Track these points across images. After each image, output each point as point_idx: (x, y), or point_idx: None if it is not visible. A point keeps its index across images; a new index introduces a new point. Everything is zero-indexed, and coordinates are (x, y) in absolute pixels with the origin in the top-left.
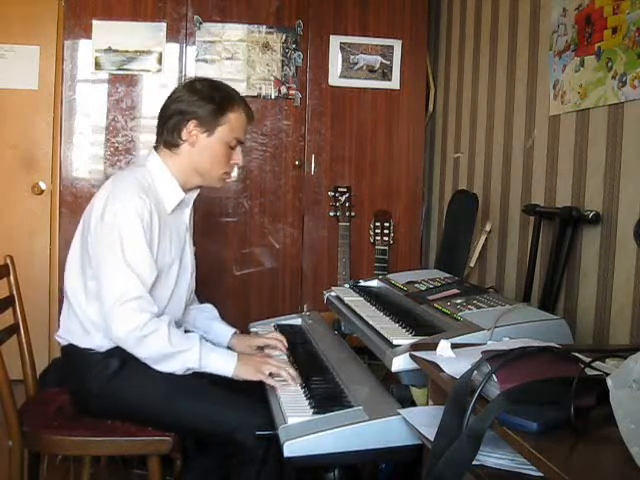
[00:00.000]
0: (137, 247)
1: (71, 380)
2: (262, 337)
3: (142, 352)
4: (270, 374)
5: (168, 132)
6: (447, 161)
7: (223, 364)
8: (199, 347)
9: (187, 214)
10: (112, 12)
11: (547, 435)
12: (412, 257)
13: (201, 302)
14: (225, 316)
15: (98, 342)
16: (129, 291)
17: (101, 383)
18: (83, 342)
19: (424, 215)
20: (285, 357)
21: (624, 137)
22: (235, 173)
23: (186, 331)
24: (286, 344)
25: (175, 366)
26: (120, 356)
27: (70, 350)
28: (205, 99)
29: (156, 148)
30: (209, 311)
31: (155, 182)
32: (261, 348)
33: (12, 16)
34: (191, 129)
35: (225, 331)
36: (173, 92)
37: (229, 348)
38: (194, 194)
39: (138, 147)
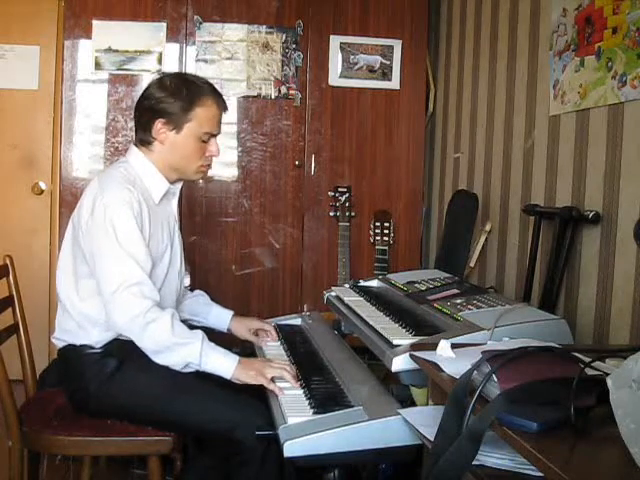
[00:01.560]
0: (131, 235)
1: (69, 382)
2: (258, 320)
3: (145, 341)
4: (272, 379)
5: (141, 130)
6: (447, 161)
7: (223, 364)
8: (201, 342)
9: (174, 205)
10: (112, 12)
11: (547, 435)
12: (412, 257)
13: (192, 290)
14: (221, 305)
15: (94, 338)
16: (129, 277)
17: (99, 384)
18: (79, 339)
19: (424, 215)
20: (284, 354)
21: (624, 137)
22: (214, 158)
23: (184, 322)
24: (275, 335)
25: (175, 359)
26: (117, 355)
27: (67, 352)
28: (172, 95)
29: (136, 144)
30: (203, 297)
31: (140, 174)
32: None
33: (12, 16)
34: (159, 127)
35: (224, 314)
36: (145, 88)
37: (228, 330)
38: (179, 184)
39: None
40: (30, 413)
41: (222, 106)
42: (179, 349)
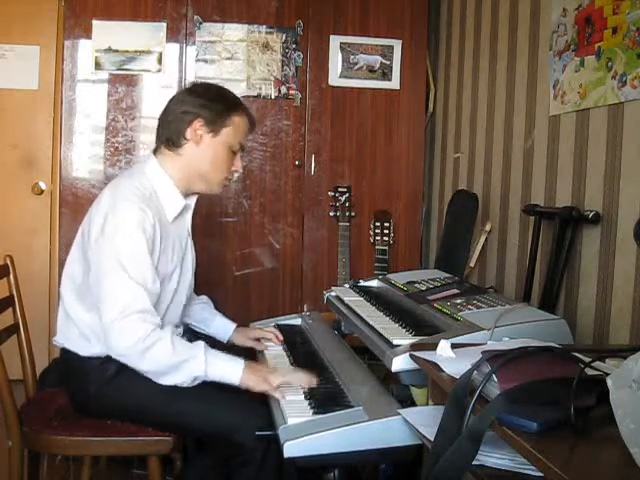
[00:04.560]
0: (140, 260)
1: (70, 383)
2: (260, 330)
3: (146, 365)
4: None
5: (171, 132)
6: (447, 161)
7: (230, 371)
8: (204, 354)
9: (189, 219)
10: (112, 12)
11: (547, 435)
12: (412, 257)
13: (196, 293)
14: (225, 316)
15: (99, 350)
16: (132, 304)
17: (100, 386)
18: (81, 350)
19: (424, 215)
20: (284, 354)
21: (624, 137)
22: (237, 174)
23: (186, 326)
24: (281, 338)
25: (181, 377)
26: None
27: (68, 353)
28: (211, 100)
29: (155, 152)
30: (209, 305)
31: (156, 190)
32: (258, 340)
33: (12, 16)
34: (197, 127)
35: (227, 326)
36: (175, 95)
37: (229, 342)
38: (194, 198)
39: (138, 147)
40: (30, 413)
41: (253, 123)
42: (183, 366)
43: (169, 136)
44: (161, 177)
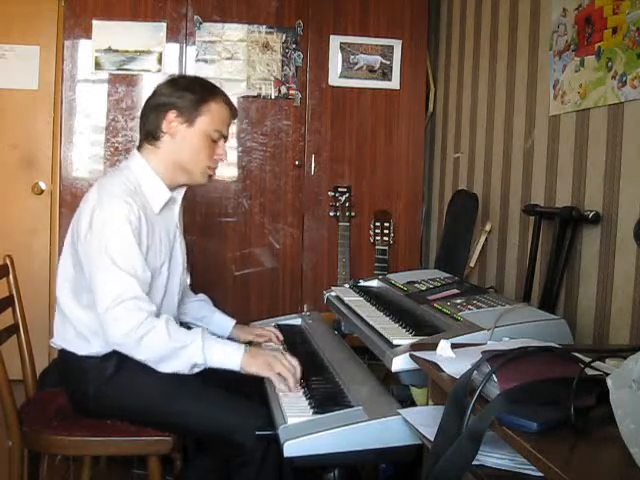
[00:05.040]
0: (129, 252)
1: (68, 383)
2: (261, 328)
3: (143, 353)
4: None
5: (149, 126)
6: (447, 161)
7: (230, 356)
8: (202, 339)
9: (176, 212)
10: (112, 12)
11: (547, 435)
12: (412, 257)
13: (195, 292)
14: (224, 313)
15: (94, 349)
16: (125, 292)
17: (99, 385)
18: (79, 349)
19: (424, 215)
20: (281, 349)
21: (624, 137)
22: (221, 162)
23: (184, 324)
24: (281, 338)
25: (179, 364)
26: (117, 358)
27: (67, 353)
28: (185, 90)
29: (139, 148)
30: (207, 303)
31: (141, 184)
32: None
33: (12, 16)
34: (171, 119)
35: (226, 322)
36: (154, 89)
37: (230, 338)
38: (181, 191)
39: None
40: (30, 413)
41: (233, 111)
42: (181, 353)
43: (148, 130)
44: (145, 171)
